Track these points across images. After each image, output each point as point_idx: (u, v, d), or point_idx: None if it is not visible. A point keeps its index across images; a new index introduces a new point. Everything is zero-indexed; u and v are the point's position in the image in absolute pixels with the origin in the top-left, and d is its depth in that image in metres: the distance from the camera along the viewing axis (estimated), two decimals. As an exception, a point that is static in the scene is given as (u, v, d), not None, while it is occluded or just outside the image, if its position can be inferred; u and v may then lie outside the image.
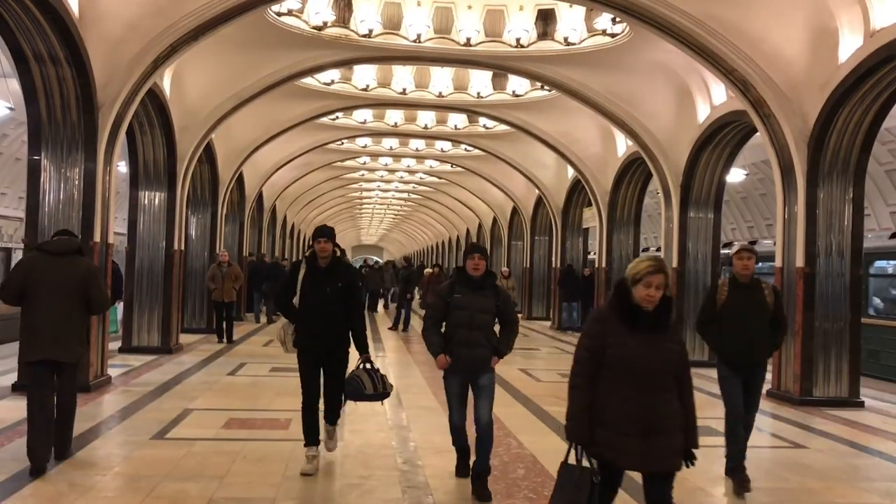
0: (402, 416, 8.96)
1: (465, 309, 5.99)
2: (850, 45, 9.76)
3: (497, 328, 6.21)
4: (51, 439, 6.41)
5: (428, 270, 23.48)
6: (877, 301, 16.54)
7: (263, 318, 21.98)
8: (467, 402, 6.17)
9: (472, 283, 6.05)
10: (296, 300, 6.61)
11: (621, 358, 3.94)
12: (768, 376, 11.72)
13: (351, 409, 9.07)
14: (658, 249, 24.22)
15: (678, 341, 4.17)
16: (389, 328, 20.31)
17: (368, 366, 6.49)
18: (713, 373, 14.19)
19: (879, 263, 16.90)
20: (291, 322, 6.65)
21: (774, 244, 11.74)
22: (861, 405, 10.58)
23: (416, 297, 23.88)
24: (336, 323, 6.50)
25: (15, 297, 6.41)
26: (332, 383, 6.65)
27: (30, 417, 6.35)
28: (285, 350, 6.72)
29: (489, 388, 6.10)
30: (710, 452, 7.95)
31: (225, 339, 15.84)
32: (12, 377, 9.70)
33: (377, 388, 6.44)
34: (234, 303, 16.39)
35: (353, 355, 6.64)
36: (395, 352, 15.77)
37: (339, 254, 6.58)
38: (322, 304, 6.45)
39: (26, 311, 6.40)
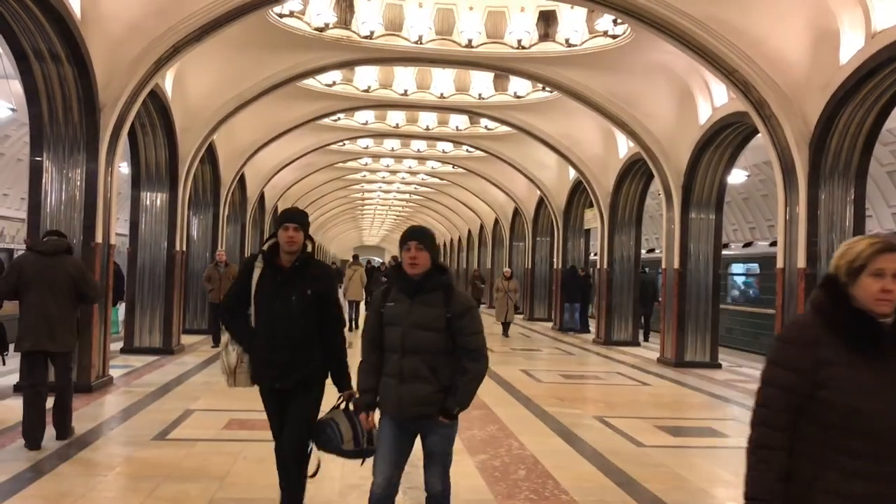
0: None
1: (396, 324, 4.08)
2: (851, 47, 9.75)
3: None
4: (43, 421, 6.97)
5: None
6: (732, 293, 21.73)
7: None
8: (405, 461, 4.23)
9: (408, 287, 4.12)
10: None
11: (849, 407, 2.37)
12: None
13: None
14: (651, 251, 24.24)
15: None
16: None
17: (352, 407, 4.49)
18: (716, 374, 14.15)
19: (733, 266, 22.02)
20: (241, 344, 4.76)
21: (771, 244, 11.74)
22: (862, 406, 10.55)
23: None
24: (304, 346, 4.61)
25: (10, 294, 7.00)
26: (294, 431, 4.71)
27: (25, 401, 6.94)
28: (232, 384, 4.88)
29: (441, 454, 4.16)
30: (712, 454, 7.96)
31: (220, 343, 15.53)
32: (15, 377, 9.71)
33: (359, 443, 4.39)
34: None
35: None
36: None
37: (310, 248, 4.75)
38: (284, 320, 4.60)
39: (22, 306, 6.97)
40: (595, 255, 21.81)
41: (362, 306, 21.23)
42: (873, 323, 2.45)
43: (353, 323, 20.00)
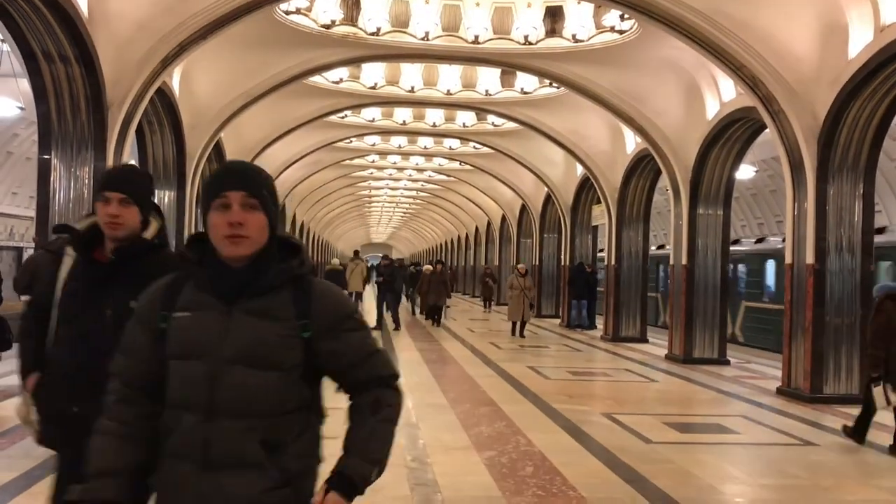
0: (411, 413, 8.98)
1: (197, 355, 2.09)
2: (859, 41, 9.70)
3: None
4: None
5: (427, 268, 23.12)
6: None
7: None
8: None
9: (223, 282, 2.14)
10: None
11: None
12: (778, 373, 11.71)
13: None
14: (661, 247, 24.19)
15: None
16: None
17: None
18: (724, 370, 14.08)
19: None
20: (24, 382, 3.21)
21: (783, 240, 11.71)
22: (872, 402, 10.52)
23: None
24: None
25: (23, 292, 7.20)
26: None
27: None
28: (36, 439, 3.19)
29: None
30: (721, 450, 7.95)
31: None
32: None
33: None
34: None
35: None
36: (405, 350, 15.78)
37: (152, 232, 3.00)
38: (91, 347, 2.85)
39: (34, 304, 7.03)
40: (602, 251, 21.78)
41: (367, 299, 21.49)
42: None
43: None
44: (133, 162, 15.98)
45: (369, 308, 21.96)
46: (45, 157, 9.85)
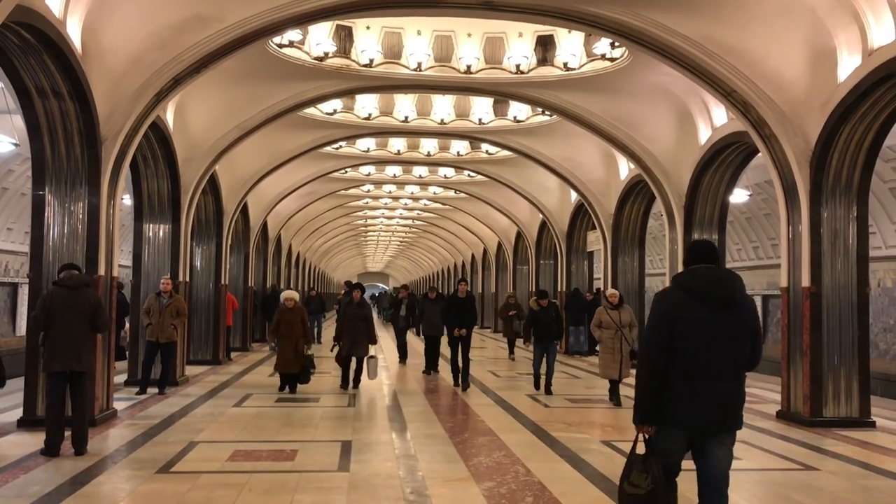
0: (409, 444, 8.90)
1: None
2: (848, 65, 9.79)
3: None
4: (62, 432, 8.05)
5: (291, 295, 18.91)
6: None
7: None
8: None
9: None
10: None
11: None
12: (777, 396, 11.66)
13: (356, 437, 9.01)
14: (636, 275, 24.21)
15: None
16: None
17: None
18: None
19: None
20: None
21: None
22: (873, 425, 10.47)
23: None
24: None
25: (44, 325, 8.10)
26: None
27: (48, 412, 8.10)
28: None
29: None
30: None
31: (157, 390, 12.68)
32: (18, 412, 9.68)
33: None
34: (174, 344, 12.94)
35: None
36: (400, 380, 15.68)
37: None
38: None
39: (50, 333, 8.07)
40: (598, 277, 21.75)
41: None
42: None
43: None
44: (127, 195, 15.96)
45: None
46: (40, 192, 9.83)
